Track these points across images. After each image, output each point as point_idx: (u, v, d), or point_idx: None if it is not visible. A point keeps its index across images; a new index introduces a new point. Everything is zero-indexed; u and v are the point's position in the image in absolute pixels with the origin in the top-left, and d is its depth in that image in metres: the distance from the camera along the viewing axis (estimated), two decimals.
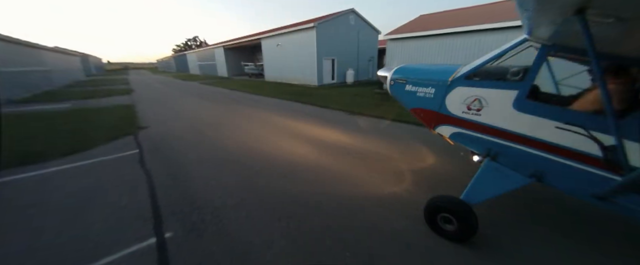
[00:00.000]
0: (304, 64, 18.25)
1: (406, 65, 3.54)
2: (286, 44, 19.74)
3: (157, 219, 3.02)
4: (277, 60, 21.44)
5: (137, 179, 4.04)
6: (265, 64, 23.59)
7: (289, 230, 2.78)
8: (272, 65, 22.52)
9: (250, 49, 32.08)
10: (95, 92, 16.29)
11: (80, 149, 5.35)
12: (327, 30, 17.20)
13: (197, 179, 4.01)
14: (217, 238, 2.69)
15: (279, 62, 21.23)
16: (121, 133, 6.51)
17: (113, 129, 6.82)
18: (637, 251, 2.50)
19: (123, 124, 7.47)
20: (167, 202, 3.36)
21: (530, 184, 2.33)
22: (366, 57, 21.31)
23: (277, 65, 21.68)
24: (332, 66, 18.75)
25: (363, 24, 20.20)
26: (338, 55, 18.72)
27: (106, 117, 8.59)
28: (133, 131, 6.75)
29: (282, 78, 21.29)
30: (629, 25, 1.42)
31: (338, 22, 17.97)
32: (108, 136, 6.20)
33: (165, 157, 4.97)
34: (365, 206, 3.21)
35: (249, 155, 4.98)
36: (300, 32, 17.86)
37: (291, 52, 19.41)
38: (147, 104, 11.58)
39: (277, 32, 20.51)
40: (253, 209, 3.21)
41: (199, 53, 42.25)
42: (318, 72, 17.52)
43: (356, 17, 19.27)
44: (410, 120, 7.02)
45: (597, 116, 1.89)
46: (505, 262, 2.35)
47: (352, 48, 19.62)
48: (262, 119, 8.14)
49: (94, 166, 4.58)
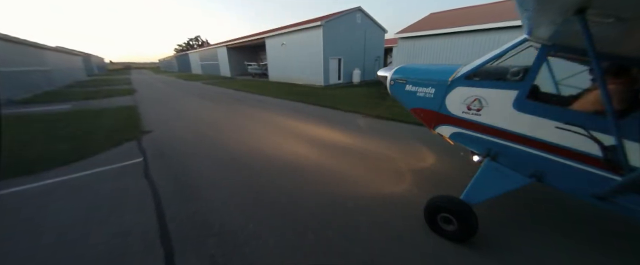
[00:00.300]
0: (310, 64, 17.94)
1: (406, 65, 3.54)
2: (291, 43, 19.37)
3: (167, 249, 2.55)
4: (282, 60, 21.15)
5: (142, 195, 3.60)
6: (269, 64, 23.18)
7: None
8: (276, 65, 22.20)
9: (253, 49, 31.78)
10: (97, 92, 16.10)
11: (79, 157, 4.93)
12: (333, 29, 16.87)
13: (210, 195, 3.56)
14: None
15: (284, 62, 20.91)
16: (123, 138, 6.15)
17: (115, 133, 6.52)
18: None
19: (125, 128, 7.13)
20: (177, 226, 2.90)
21: (530, 184, 2.33)
22: (372, 56, 21.03)
23: (281, 64, 21.38)
24: (339, 66, 18.49)
25: (370, 23, 19.88)
26: (344, 55, 18.38)
27: (107, 119, 8.32)
28: (136, 136, 6.39)
29: (286, 78, 20.93)
30: (629, 25, 1.42)
31: (345, 21, 17.66)
32: (109, 142, 5.86)
33: (171, 167, 4.54)
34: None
35: (266, 165, 4.52)
36: (306, 31, 17.53)
37: (296, 52, 19.05)
38: (150, 104, 11.39)
39: (281, 31, 20.18)
40: (276, 230, 2.80)
41: (202, 53, 41.86)
42: (324, 72, 17.21)
43: (363, 15, 18.99)
44: None
45: (597, 116, 1.89)
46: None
47: (358, 47, 19.30)
48: (275, 123, 7.61)
49: (92, 178, 4.14)
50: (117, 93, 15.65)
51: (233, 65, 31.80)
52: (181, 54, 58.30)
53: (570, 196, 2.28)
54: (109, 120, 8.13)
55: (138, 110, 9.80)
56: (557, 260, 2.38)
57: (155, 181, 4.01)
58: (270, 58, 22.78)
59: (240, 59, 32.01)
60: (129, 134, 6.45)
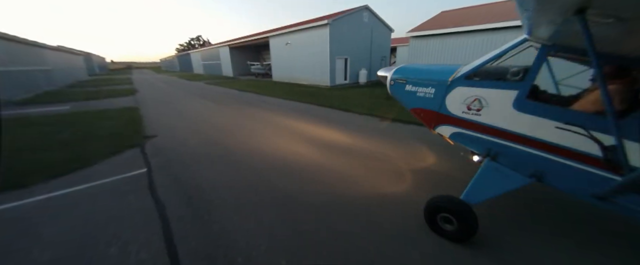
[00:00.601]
0: (315, 64, 17.55)
1: (406, 65, 3.55)
2: (296, 42, 18.93)
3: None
4: (286, 60, 20.73)
5: (147, 215, 3.06)
6: (273, 64, 22.71)
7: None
8: (280, 65, 21.78)
9: (256, 48, 31.54)
10: (98, 92, 15.84)
11: (76, 167, 4.40)
12: (340, 28, 16.40)
13: (226, 215, 3.06)
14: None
15: (288, 62, 20.49)
16: (125, 144, 5.64)
17: (116, 138, 6.09)
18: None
19: (127, 132, 6.66)
20: (192, 259, 2.42)
21: (530, 184, 2.33)
22: (378, 56, 20.56)
23: (285, 64, 20.98)
24: (345, 66, 18.07)
25: (376, 22, 19.42)
26: (351, 54, 17.92)
27: (108, 122, 7.88)
28: (139, 141, 5.93)
29: (290, 78, 20.52)
30: (629, 25, 1.42)
31: (351, 20, 17.21)
32: (110, 149, 5.32)
33: (179, 179, 4.02)
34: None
35: (298, 183, 3.83)
36: (312, 30, 17.06)
37: (301, 51, 18.62)
38: (152, 106, 11.05)
39: (286, 30, 19.67)
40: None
41: (203, 52, 41.48)
42: (330, 72, 16.80)
43: (370, 14, 18.61)
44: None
45: (597, 116, 1.89)
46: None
47: (365, 46, 18.84)
48: (289, 128, 7.03)
49: (89, 194, 3.61)
50: (118, 93, 15.35)
51: (235, 65, 31.45)
52: (183, 53, 58.02)
53: (570, 196, 2.28)
54: (110, 123, 7.73)
55: (140, 112, 9.44)
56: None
57: (162, 199, 3.44)
58: (274, 58, 22.34)
59: (243, 59, 31.61)
60: (131, 140, 6.00)
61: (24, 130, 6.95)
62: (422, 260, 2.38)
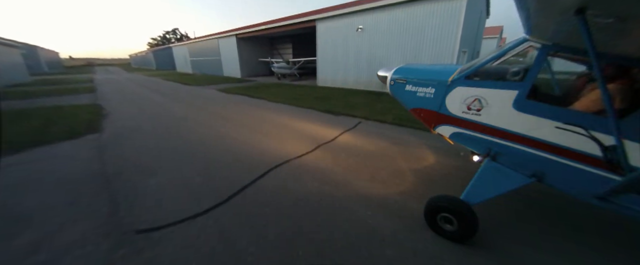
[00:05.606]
0: (420, 60, 10.65)
1: (406, 65, 3.54)
2: (376, 25, 11.87)
3: None
4: (348, 54, 13.61)
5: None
6: (319, 60, 15.58)
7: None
8: (334, 61, 14.58)
9: (270, 41, 25.24)
10: (29, 114, 8.00)
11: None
12: (474, 6, 10.55)
13: None
14: None
15: (353, 57, 13.42)
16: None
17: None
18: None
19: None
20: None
21: (530, 184, 2.33)
22: (471, 48, 13.37)
23: (348, 61, 13.78)
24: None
25: (484, 3, 14.22)
26: (469, 47, 12.02)
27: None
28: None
29: (357, 83, 13.60)
30: (629, 25, 1.42)
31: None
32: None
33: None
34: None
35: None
36: (425, 2, 9.93)
37: (386, 39, 11.65)
38: (139, 143, 5.44)
39: (350, 8, 12.54)
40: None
41: (193, 45, 32.40)
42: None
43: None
44: None
45: (597, 116, 1.89)
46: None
47: (472, 34, 12.73)
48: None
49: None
50: (68, 114, 8.10)
51: (245, 62, 23.39)
52: (160, 48, 49.77)
53: (570, 196, 2.28)
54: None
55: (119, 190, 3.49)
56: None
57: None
58: (322, 51, 15.16)
59: (254, 55, 23.99)
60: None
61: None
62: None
